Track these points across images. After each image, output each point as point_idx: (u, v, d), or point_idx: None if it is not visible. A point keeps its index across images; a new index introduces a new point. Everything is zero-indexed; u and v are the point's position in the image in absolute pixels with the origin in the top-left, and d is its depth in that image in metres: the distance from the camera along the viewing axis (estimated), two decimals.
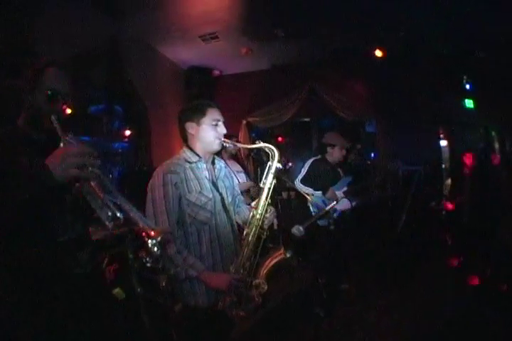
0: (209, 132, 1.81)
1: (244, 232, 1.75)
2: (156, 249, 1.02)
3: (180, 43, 5.38)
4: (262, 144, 1.78)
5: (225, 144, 1.83)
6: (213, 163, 1.94)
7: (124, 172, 4.45)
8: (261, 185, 1.79)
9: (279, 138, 6.85)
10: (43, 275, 1.28)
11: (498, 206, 4.41)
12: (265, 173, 1.79)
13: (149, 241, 1.02)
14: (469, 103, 5.57)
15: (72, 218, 1.38)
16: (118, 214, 1.10)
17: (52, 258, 1.29)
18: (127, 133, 4.86)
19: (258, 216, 1.74)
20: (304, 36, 5.12)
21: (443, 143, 5.89)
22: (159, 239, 1.06)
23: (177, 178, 1.73)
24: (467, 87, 5.47)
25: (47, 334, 1.25)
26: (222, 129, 1.84)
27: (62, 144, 1.20)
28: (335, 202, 2.07)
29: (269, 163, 1.79)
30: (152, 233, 1.08)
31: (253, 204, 1.81)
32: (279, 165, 1.78)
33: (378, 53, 5.27)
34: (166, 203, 1.70)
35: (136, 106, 5.12)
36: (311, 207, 3.59)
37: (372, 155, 6.75)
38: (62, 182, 1.10)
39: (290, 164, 6.36)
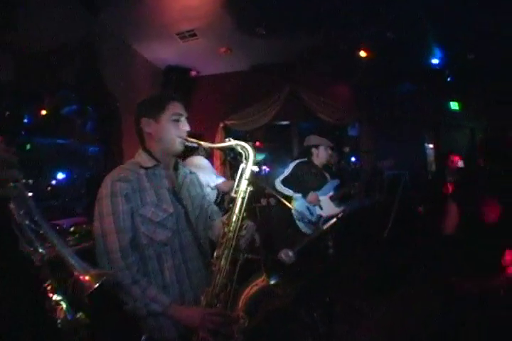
0: (169, 130, 1.48)
1: (215, 255, 1.39)
2: (65, 308, 0.68)
3: (156, 41, 5.04)
4: (232, 142, 1.44)
5: (187, 143, 1.49)
6: (176, 168, 1.59)
7: (93, 178, 4.17)
8: (232, 194, 1.43)
9: (258, 143, 6.56)
10: None
11: None
12: (237, 179, 1.42)
13: (54, 296, 0.69)
14: (454, 105, 5.46)
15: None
16: (40, 250, 0.82)
17: None
18: (100, 136, 4.57)
19: (231, 234, 1.37)
20: (286, 35, 4.86)
21: (428, 145, 5.78)
22: (96, 286, 0.74)
23: (128, 187, 1.39)
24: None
25: None
26: (184, 126, 1.51)
27: None
28: (335, 220, 1.75)
29: (242, 165, 1.43)
30: (86, 278, 0.77)
31: (224, 218, 1.47)
32: (255, 168, 1.43)
33: (362, 54, 5.06)
34: (115, 219, 1.35)
35: (110, 108, 4.80)
36: (294, 216, 3.34)
37: (354, 159, 6.61)
38: None
39: (267, 169, 6.05)
